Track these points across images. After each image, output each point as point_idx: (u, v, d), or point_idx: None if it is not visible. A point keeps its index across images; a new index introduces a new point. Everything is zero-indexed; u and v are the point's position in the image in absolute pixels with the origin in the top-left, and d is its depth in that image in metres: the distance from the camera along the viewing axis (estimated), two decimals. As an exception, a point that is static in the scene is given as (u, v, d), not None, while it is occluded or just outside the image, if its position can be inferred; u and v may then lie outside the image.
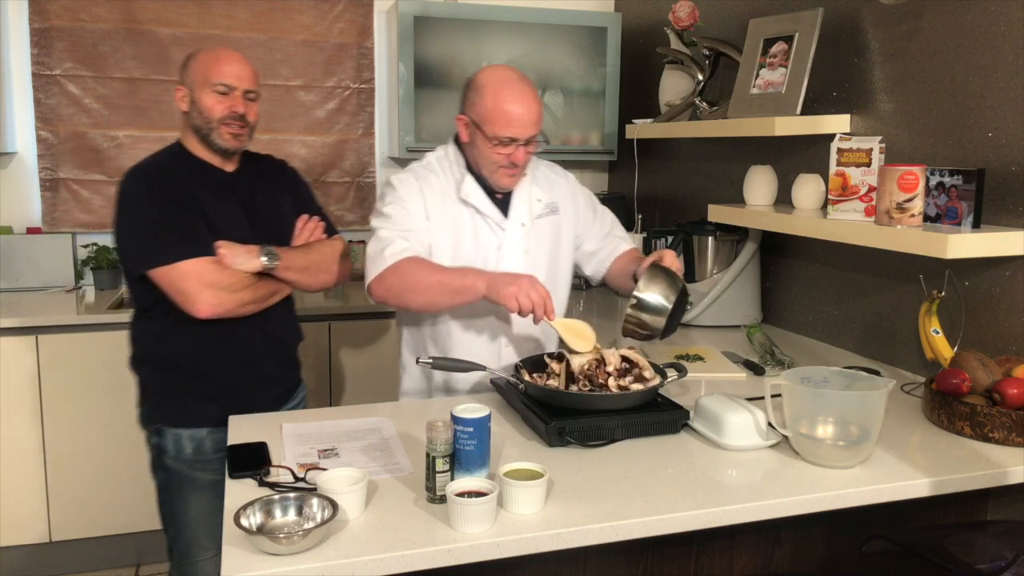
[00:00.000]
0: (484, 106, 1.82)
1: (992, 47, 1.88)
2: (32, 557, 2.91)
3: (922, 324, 2.00)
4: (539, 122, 1.85)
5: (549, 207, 2.02)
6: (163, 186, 1.88)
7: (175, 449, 1.95)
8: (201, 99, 1.90)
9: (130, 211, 1.87)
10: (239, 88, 1.91)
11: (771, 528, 1.60)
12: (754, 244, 2.68)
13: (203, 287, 1.81)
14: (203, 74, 1.90)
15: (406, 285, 1.79)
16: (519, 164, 1.86)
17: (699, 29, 2.89)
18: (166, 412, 1.96)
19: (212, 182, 1.95)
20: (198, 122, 1.92)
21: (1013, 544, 1.44)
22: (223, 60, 1.91)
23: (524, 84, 1.84)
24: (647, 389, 1.66)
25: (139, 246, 1.85)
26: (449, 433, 1.33)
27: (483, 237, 1.93)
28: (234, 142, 1.93)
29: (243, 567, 1.14)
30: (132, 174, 1.91)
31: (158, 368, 1.97)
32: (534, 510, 1.31)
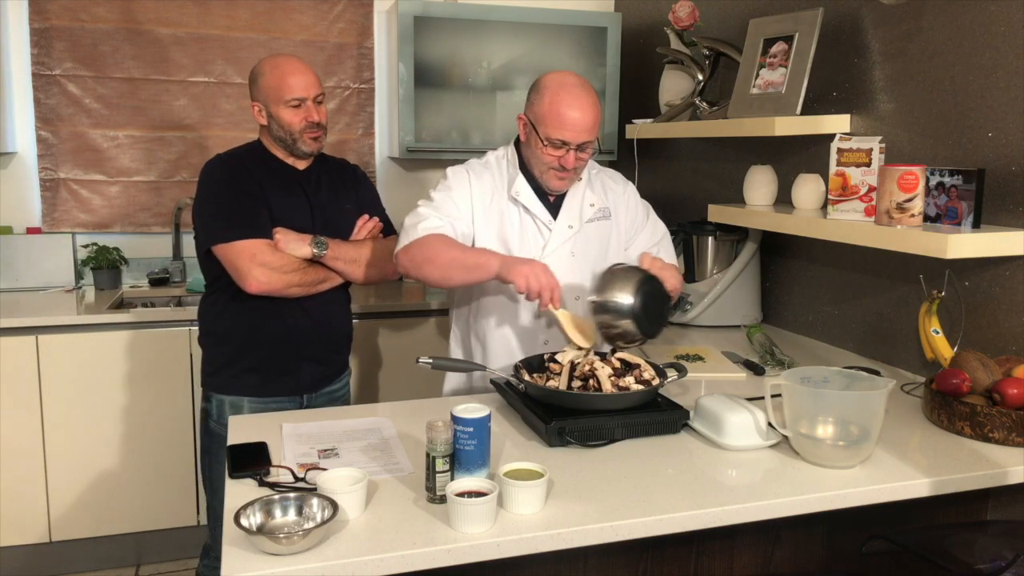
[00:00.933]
0: (541, 107, 1.87)
1: (992, 47, 1.88)
2: (32, 557, 2.91)
3: (922, 324, 2.00)
4: (593, 129, 1.87)
5: (601, 212, 2.05)
6: (234, 174, 2.09)
7: (218, 413, 2.15)
8: (279, 114, 2.08)
9: (204, 194, 2.10)
10: (310, 97, 2.09)
11: (771, 528, 1.60)
12: (754, 244, 2.68)
13: (255, 265, 2.01)
14: (275, 91, 2.07)
15: (425, 256, 1.84)
16: (569, 168, 1.89)
17: (699, 29, 2.89)
18: (214, 379, 2.17)
19: (281, 177, 2.14)
20: (280, 134, 2.10)
21: (1013, 544, 1.45)
22: (289, 74, 2.08)
23: (583, 90, 1.88)
24: (647, 389, 1.66)
25: (207, 225, 2.07)
26: (449, 433, 1.33)
27: (529, 236, 1.98)
28: (315, 144, 2.14)
29: (243, 567, 1.14)
30: (210, 162, 2.14)
31: (214, 339, 2.19)
32: (534, 510, 1.31)
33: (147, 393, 2.85)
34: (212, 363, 2.20)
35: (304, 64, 2.13)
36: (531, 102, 1.93)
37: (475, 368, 1.77)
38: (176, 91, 3.31)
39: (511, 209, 1.97)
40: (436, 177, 3.62)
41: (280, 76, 2.08)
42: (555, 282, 1.75)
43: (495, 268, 1.78)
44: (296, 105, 2.08)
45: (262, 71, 2.11)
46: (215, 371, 2.18)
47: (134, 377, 2.85)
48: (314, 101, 2.11)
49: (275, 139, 2.13)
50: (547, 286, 1.74)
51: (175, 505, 2.97)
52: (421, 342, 3.15)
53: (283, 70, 2.09)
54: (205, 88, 3.33)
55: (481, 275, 1.81)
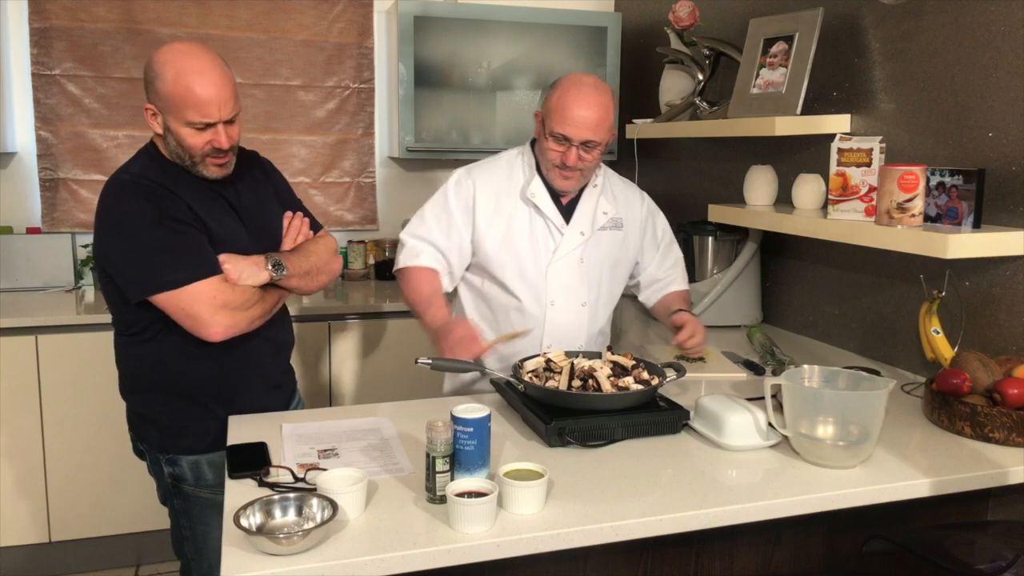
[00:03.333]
0: (551, 101, 1.90)
1: (992, 47, 1.88)
2: (32, 557, 2.91)
3: (922, 324, 2.00)
4: (597, 129, 1.87)
5: (614, 221, 2.07)
6: (156, 199, 1.68)
7: (194, 477, 1.83)
8: (176, 130, 1.68)
9: (124, 229, 1.67)
10: (221, 119, 1.67)
11: (771, 528, 1.60)
12: (754, 244, 2.68)
13: (216, 310, 1.66)
14: (176, 105, 1.65)
15: (403, 286, 2.04)
16: (570, 166, 1.90)
17: (699, 29, 2.89)
18: (181, 441, 1.82)
19: (200, 190, 1.76)
20: (177, 152, 1.72)
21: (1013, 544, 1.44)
22: (197, 88, 1.63)
23: (595, 91, 1.88)
24: (647, 389, 1.66)
25: (140, 269, 1.67)
26: (449, 433, 1.33)
27: (540, 238, 2.00)
28: (220, 172, 1.76)
29: (243, 567, 1.14)
30: (117, 187, 1.71)
31: (162, 394, 1.81)
32: (534, 510, 1.31)
33: (147, 393, 2.85)
34: (167, 424, 1.82)
35: (218, 67, 1.67)
36: (546, 97, 1.95)
37: (475, 368, 1.77)
38: (176, 91, 3.31)
39: (521, 210, 1.99)
40: (436, 178, 3.64)
41: (185, 89, 1.62)
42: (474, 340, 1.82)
43: (430, 333, 1.92)
44: (202, 128, 1.67)
45: (162, 74, 1.64)
46: (177, 432, 1.82)
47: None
48: (226, 123, 1.69)
49: (170, 153, 1.73)
50: (471, 353, 1.81)
51: (175, 505, 2.97)
52: (421, 342, 3.15)
53: (189, 80, 1.62)
54: (205, 88, 3.32)
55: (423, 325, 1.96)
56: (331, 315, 3.05)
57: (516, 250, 1.99)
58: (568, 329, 2.04)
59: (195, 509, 1.86)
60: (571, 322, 2.04)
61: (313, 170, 3.52)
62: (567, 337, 2.03)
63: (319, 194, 3.55)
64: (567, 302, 2.03)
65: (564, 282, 2.02)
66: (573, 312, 2.04)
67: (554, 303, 2.02)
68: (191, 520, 1.88)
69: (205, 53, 1.68)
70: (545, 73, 3.46)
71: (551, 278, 2.01)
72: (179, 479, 1.85)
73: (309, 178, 3.52)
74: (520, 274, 2.00)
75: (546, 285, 2.01)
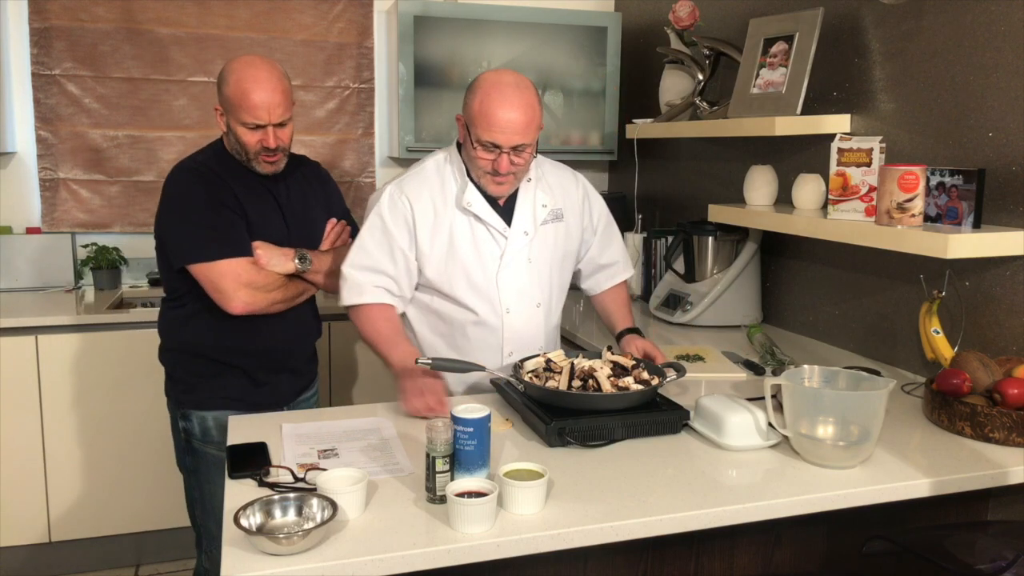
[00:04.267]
0: (473, 107, 1.78)
1: (992, 47, 1.88)
2: (32, 557, 2.91)
3: (922, 324, 2.00)
4: (526, 132, 1.77)
5: (554, 213, 1.99)
6: (209, 185, 1.95)
7: (202, 431, 2.04)
8: (234, 128, 1.94)
9: (178, 206, 1.95)
10: (271, 122, 1.92)
11: (771, 528, 1.60)
12: (754, 244, 2.68)
13: (239, 286, 1.91)
14: (234, 107, 1.91)
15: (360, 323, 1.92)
16: (502, 172, 1.81)
17: (699, 29, 2.89)
18: (193, 396, 2.04)
19: (251, 183, 2.01)
20: (236, 147, 1.98)
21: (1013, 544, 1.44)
22: (252, 93, 1.88)
23: (517, 91, 1.77)
24: (647, 389, 1.66)
25: (183, 241, 1.93)
26: (449, 433, 1.33)
27: (484, 245, 1.91)
28: (271, 168, 2.00)
29: (243, 567, 1.14)
30: (180, 171, 1.99)
31: (186, 354, 2.05)
32: (534, 510, 1.31)
33: (147, 393, 2.84)
34: (185, 379, 2.06)
35: (273, 78, 1.92)
36: (466, 101, 1.82)
37: (475, 368, 1.77)
38: (176, 91, 3.31)
39: (461, 219, 1.89)
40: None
41: (242, 94, 1.89)
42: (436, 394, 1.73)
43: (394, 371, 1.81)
44: (254, 128, 1.92)
45: (227, 79, 1.92)
46: (191, 387, 2.05)
47: (134, 377, 2.84)
48: (276, 125, 1.93)
49: (231, 147, 2.01)
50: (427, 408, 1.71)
51: (175, 505, 2.96)
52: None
53: (246, 87, 1.88)
54: (205, 88, 3.33)
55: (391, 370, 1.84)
56: (330, 315, 3.05)
57: (462, 262, 1.90)
58: (526, 333, 1.97)
59: (203, 466, 2.06)
60: (528, 325, 1.97)
61: (313, 170, 3.52)
62: (527, 341, 1.97)
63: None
64: (522, 306, 1.96)
65: (516, 286, 1.94)
66: (529, 315, 1.97)
67: (509, 310, 1.94)
68: (199, 478, 2.08)
69: (264, 65, 1.93)
70: (545, 73, 3.46)
71: (502, 285, 1.93)
72: (190, 434, 2.06)
73: (309, 178, 3.53)
74: (471, 286, 1.92)
75: (499, 293, 1.93)
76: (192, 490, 2.12)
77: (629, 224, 3.34)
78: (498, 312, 1.94)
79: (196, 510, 2.13)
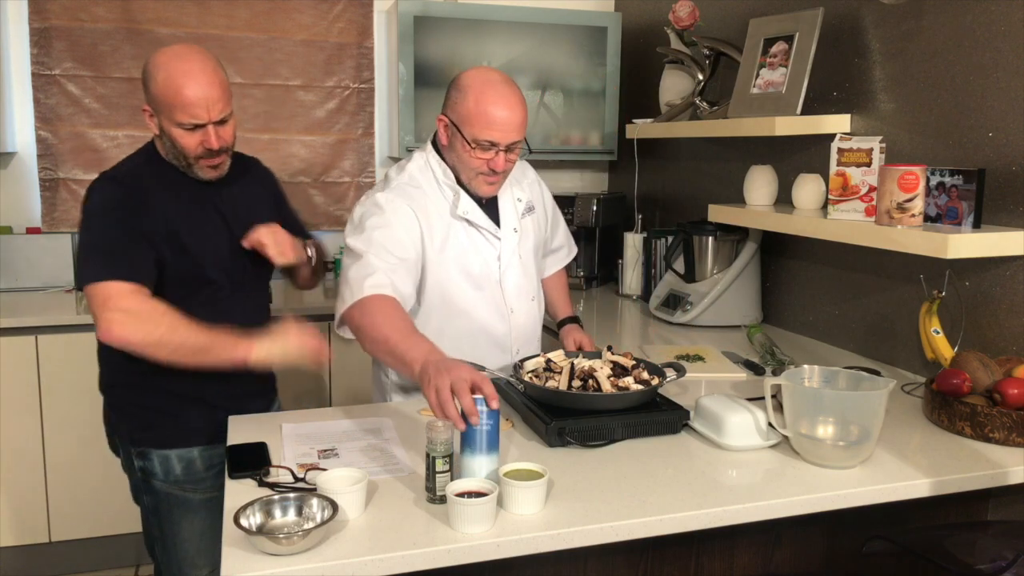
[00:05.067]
0: (466, 107, 1.74)
1: (992, 47, 1.88)
2: (32, 557, 2.91)
3: (922, 324, 2.00)
4: (522, 128, 1.76)
5: (527, 205, 2.00)
6: (125, 199, 1.72)
7: (164, 471, 1.84)
8: (169, 131, 1.70)
9: (84, 222, 1.72)
10: (209, 121, 1.68)
11: (771, 528, 1.60)
12: (754, 244, 2.68)
13: (109, 310, 1.62)
14: (166, 106, 1.67)
15: (361, 325, 1.63)
16: (499, 171, 1.78)
17: (699, 29, 2.89)
18: (152, 434, 1.83)
19: (187, 192, 1.79)
20: (172, 152, 1.75)
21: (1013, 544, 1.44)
22: (185, 88, 1.64)
23: (509, 87, 1.76)
24: (647, 389, 1.66)
25: (79, 260, 1.73)
26: (449, 433, 1.33)
27: (482, 250, 1.88)
28: (214, 173, 1.78)
29: (243, 567, 1.14)
30: (99, 180, 1.76)
31: (136, 388, 1.82)
32: (534, 510, 1.31)
33: (147, 393, 2.85)
34: (136, 415, 1.84)
35: (208, 69, 1.68)
36: (452, 101, 1.78)
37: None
38: (176, 91, 3.31)
39: (455, 227, 1.84)
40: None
41: (174, 90, 1.64)
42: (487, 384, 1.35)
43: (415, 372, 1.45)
44: (191, 128, 1.68)
45: (154, 76, 1.66)
46: (145, 424, 1.83)
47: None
48: (217, 123, 1.69)
49: (167, 153, 1.77)
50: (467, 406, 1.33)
51: (175, 505, 2.97)
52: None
53: (178, 82, 1.64)
54: (205, 88, 3.32)
55: (404, 371, 1.52)
56: (331, 315, 3.04)
57: (466, 271, 1.85)
58: (527, 327, 1.98)
59: (163, 506, 1.86)
60: (528, 320, 1.98)
61: (313, 170, 3.52)
62: (529, 335, 1.99)
63: (319, 194, 3.55)
64: (522, 303, 1.96)
65: (515, 284, 1.94)
66: (527, 310, 1.98)
67: (513, 310, 1.94)
68: (160, 518, 1.88)
69: (196, 55, 1.69)
70: (545, 73, 3.46)
71: (505, 287, 1.92)
72: (149, 474, 1.85)
73: (309, 178, 3.52)
74: (477, 294, 1.87)
75: (503, 295, 1.91)
76: (151, 528, 1.93)
77: (629, 224, 3.34)
78: (504, 314, 1.93)
79: (156, 548, 1.94)
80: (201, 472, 1.87)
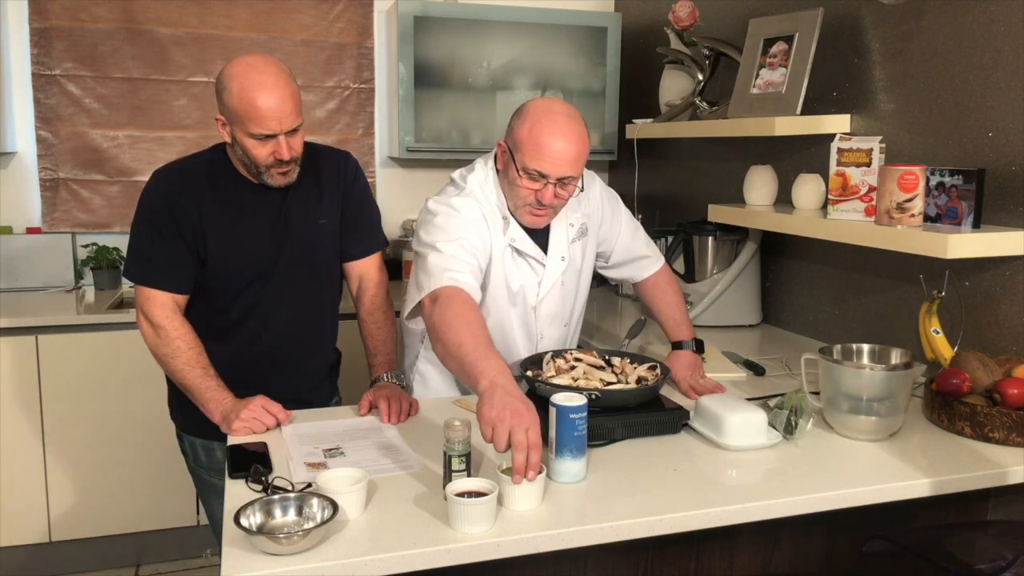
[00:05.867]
0: (521, 133, 1.70)
1: (992, 47, 1.88)
2: (32, 557, 2.91)
3: (922, 324, 1.99)
4: (576, 163, 1.70)
5: (581, 230, 1.93)
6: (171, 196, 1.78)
7: (193, 455, 1.96)
8: (243, 142, 1.73)
9: (136, 216, 1.82)
10: (282, 131, 1.71)
11: (771, 528, 1.60)
12: (754, 244, 2.68)
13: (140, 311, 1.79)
14: (240, 118, 1.69)
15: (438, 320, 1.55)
16: (546, 204, 1.72)
17: (699, 29, 2.89)
18: (181, 419, 1.95)
19: (237, 196, 1.82)
20: (244, 161, 1.78)
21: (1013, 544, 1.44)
22: (260, 102, 1.67)
23: (570, 120, 1.70)
24: (646, 388, 1.66)
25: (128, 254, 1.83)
26: (467, 432, 1.33)
27: (524, 275, 1.86)
28: (284, 180, 1.80)
29: (243, 567, 1.14)
30: (156, 175, 1.83)
31: None
32: (532, 506, 1.31)
33: (147, 393, 2.84)
34: (172, 398, 1.95)
35: (281, 82, 1.70)
36: (512, 127, 1.74)
37: None
38: (176, 91, 3.32)
39: (501, 249, 1.82)
40: (436, 178, 3.64)
41: (249, 104, 1.67)
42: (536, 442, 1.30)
43: (480, 388, 1.37)
44: (263, 139, 1.71)
45: (228, 87, 1.69)
46: (176, 408, 1.94)
47: (134, 377, 2.84)
48: (288, 134, 1.73)
49: (238, 160, 1.80)
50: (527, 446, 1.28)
51: (175, 505, 2.97)
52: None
53: (252, 96, 1.67)
54: (205, 88, 3.33)
55: (466, 380, 1.46)
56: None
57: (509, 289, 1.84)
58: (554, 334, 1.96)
59: (198, 485, 2.03)
60: (556, 346, 1.95)
61: (313, 170, 3.52)
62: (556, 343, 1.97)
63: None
64: (553, 331, 1.94)
65: (550, 311, 1.92)
66: (558, 336, 1.96)
67: (543, 336, 1.93)
68: (202, 496, 2.04)
69: (270, 67, 1.71)
70: (545, 73, 3.47)
71: (540, 314, 1.90)
72: (186, 455, 2.00)
73: (309, 178, 3.53)
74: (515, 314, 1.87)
75: (536, 322, 1.91)
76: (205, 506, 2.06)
77: (629, 224, 3.34)
78: (533, 338, 1.91)
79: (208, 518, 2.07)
80: (221, 463, 1.88)
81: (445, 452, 1.34)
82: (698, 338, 2.04)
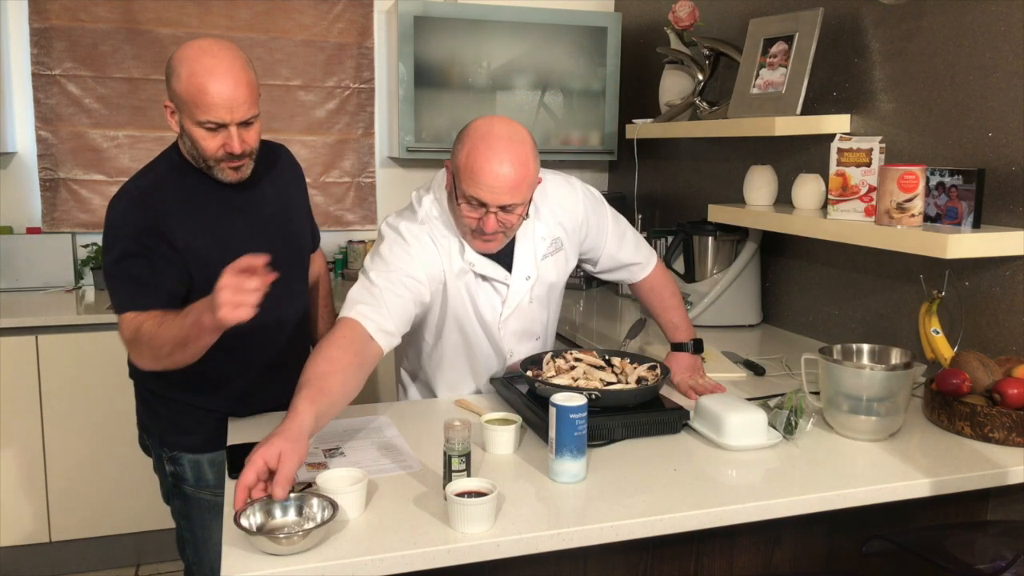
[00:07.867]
0: (460, 158, 1.59)
1: (992, 47, 1.88)
2: (32, 557, 2.91)
3: (922, 324, 2.00)
4: (516, 191, 1.56)
5: (554, 244, 1.82)
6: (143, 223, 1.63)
7: (195, 477, 1.81)
8: (190, 130, 1.61)
9: (107, 245, 1.65)
10: (232, 122, 1.59)
11: (771, 528, 1.60)
12: (754, 244, 2.68)
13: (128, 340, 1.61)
14: (188, 105, 1.58)
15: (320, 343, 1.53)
16: (488, 232, 1.60)
17: (699, 29, 2.89)
18: (184, 439, 1.80)
19: (211, 203, 1.71)
20: (192, 153, 1.67)
21: (1013, 544, 1.44)
22: (210, 87, 1.55)
23: (510, 144, 1.56)
24: (646, 388, 1.66)
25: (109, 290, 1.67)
26: (467, 432, 1.34)
27: (486, 298, 1.78)
28: (235, 176, 1.69)
29: (243, 567, 1.14)
30: (118, 201, 1.67)
31: (170, 387, 1.77)
32: (508, 451, 1.53)
33: (147, 393, 2.85)
34: (174, 420, 1.81)
35: (236, 67, 1.58)
36: (454, 150, 1.62)
37: None
38: (176, 91, 3.31)
39: (459, 274, 1.73)
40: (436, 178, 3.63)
41: (197, 89, 1.55)
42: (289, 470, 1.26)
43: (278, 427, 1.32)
44: (212, 128, 1.59)
45: (177, 71, 1.57)
46: (182, 431, 1.80)
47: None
48: (240, 125, 1.61)
49: (187, 153, 1.68)
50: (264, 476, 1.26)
51: (175, 505, 2.97)
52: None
53: (202, 81, 1.54)
54: (205, 88, 3.32)
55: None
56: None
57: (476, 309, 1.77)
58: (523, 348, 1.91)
59: (195, 511, 1.83)
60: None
61: (313, 170, 3.52)
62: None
63: (319, 194, 3.55)
64: (522, 347, 1.88)
65: (517, 328, 1.84)
66: (528, 349, 1.89)
67: (512, 353, 1.86)
68: (191, 523, 1.85)
69: (223, 51, 1.59)
70: (545, 73, 3.47)
71: (505, 332, 1.83)
72: (180, 479, 1.82)
73: (309, 178, 3.51)
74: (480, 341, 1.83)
75: (502, 342, 1.84)
76: (183, 531, 1.89)
77: (629, 224, 3.34)
78: (501, 355, 1.87)
79: (187, 550, 1.91)
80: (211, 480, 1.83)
81: (445, 452, 1.34)
82: (697, 338, 2.03)
